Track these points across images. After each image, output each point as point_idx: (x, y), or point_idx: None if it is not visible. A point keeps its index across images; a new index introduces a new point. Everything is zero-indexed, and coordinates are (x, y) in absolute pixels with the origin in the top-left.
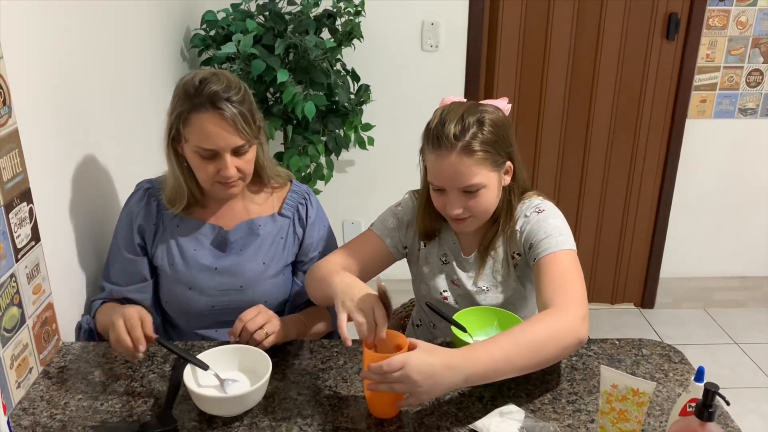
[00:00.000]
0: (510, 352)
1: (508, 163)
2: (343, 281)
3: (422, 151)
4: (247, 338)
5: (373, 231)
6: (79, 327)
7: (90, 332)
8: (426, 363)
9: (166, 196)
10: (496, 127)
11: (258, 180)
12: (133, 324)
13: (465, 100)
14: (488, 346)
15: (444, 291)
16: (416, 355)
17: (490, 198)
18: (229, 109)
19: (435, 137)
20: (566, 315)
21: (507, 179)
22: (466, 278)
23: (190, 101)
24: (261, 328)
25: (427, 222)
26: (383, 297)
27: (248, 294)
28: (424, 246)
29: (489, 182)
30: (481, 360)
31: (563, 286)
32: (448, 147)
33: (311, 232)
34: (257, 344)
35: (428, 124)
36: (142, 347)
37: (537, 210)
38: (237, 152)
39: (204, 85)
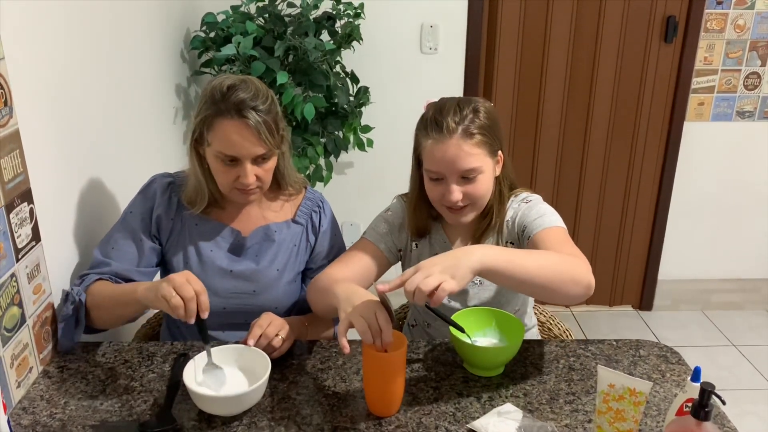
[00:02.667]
0: (522, 255)
1: (500, 152)
2: (345, 290)
3: (417, 143)
4: (264, 344)
5: (366, 239)
6: (66, 297)
7: (75, 307)
8: (438, 256)
9: (186, 195)
10: (490, 114)
11: (276, 187)
12: (189, 295)
13: None
14: (502, 249)
15: None
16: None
17: (486, 184)
18: (253, 118)
19: (434, 123)
20: (577, 259)
21: (498, 169)
22: None
23: (216, 106)
24: (277, 334)
25: (419, 219)
26: (384, 302)
27: (260, 299)
28: (416, 247)
29: (486, 168)
30: (495, 248)
31: (569, 248)
32: (448, 131)
33: (322, 240)
34: (274, 350)
35: (423, 117)
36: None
37: (525, 201)
38: (257, 161)
39: (231, 92)
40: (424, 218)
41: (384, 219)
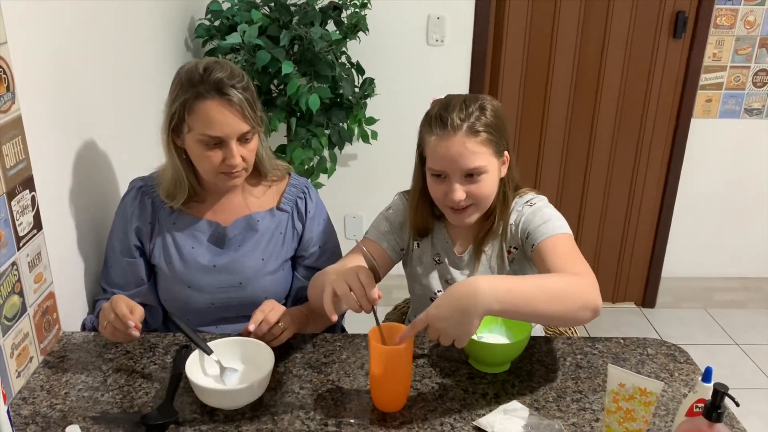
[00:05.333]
0: (530, 291)
1: (506, 153)
2: (334, 266)
3: (421, 140)
4: (264, 331)
5: (368, 238)
6: (83, 326)
7: (93, 331)
8: (443, 304)
9: (164, 190)
10: (497, 113)
11: (256, 173)
12: (123, 312)
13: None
14: (510, 279)
15: (438, 291)
16: (433, 306)
17: (490, 184)
18: (235, 95)
19: (439, 119)
20: (584, 280)
21: (504, 170)
22: (460, 276)
23: (195, 89)
24: (278, 322)
25: (419, 218)
26: (367, 261)
27: (248, 290)
28: (417, 246)
29: (490, 167)
30: (504, 284)
31: (572, 263)
32: (453, 127)
33: (311, 226)
34: (273, 338)
35: (427, 113)
36: (135, 333)
37: (529, 204)
38: (242, 140)
39: (209, 73)
40: (425, 217)
41: (385, 217)
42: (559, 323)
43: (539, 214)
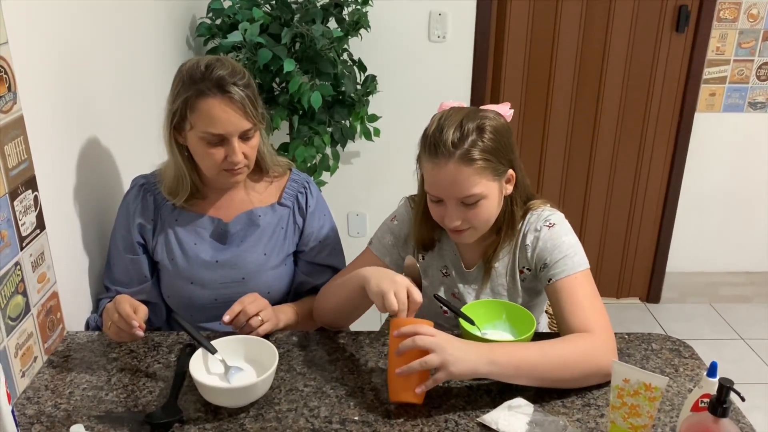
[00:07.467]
0: (535, 358)
1: (510, 171)
2: (369, 268)
3: (419, 159)
4: (243, 322)
5: (371, 250)
6: (87, 325)
7: (97, 330)
8: (453, 337)
9: (166, 187)
10: (497, 134)
11: (258, 169)
12: (127, 312)
13: (465, 105)
14: (515, 346)
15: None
16: (447, 336)
17: (490, 209)
18: (237, 93)
19: (432, 144)
20: (600, 344)
21: (509, 188)
22: (467, 291)
23: (196, 86)
24: (256, 314)
25: (424, 232)
26: (414, 274)
27: (250, 286)
28: (423, 258)
29: (489, 192)
30: (505, 353)
31: (592, 314)
32: (445, 155)
33: (311, 221)
34: (251, 330)
35: (425, 131)
36: (140, 332)
37: (548, 224)
38: (244, 137)
39: (210, 70)
40: (430, 231)
41: (389, 229)
42: (561, 387)
43: (559, 246)
